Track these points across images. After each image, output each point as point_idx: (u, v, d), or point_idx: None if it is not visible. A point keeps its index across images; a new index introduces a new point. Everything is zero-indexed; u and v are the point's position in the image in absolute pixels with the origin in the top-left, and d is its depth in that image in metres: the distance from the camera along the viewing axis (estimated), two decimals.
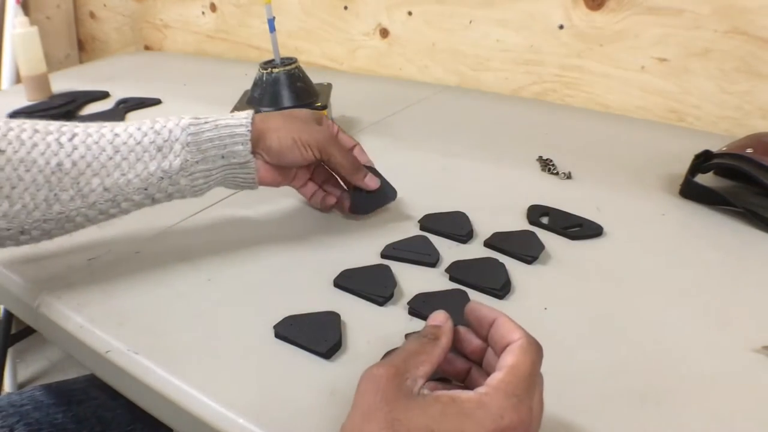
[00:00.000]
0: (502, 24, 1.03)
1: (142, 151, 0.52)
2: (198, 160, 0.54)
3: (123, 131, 0.53)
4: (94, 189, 0.51)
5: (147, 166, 0.52)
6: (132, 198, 0.53)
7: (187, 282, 0.56)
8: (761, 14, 0.79)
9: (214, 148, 0.54)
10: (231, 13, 1.43)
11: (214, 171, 0.55)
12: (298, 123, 0.58)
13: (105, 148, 0.51)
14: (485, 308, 0.37)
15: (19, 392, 0.66)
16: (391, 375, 0.32)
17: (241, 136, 0.55)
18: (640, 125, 0.90)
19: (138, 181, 0.52)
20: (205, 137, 0.54)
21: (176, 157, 0.53)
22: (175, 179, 0.54)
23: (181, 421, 0.45)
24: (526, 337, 0.34)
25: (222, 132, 0.55)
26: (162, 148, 0.52)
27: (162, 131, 0.53)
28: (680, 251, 0.59)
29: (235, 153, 0.55)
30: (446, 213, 0.65)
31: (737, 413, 0.40)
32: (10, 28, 1.29)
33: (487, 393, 0.31)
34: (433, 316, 0.38)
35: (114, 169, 0.51)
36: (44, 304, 0.55)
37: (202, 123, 0.54)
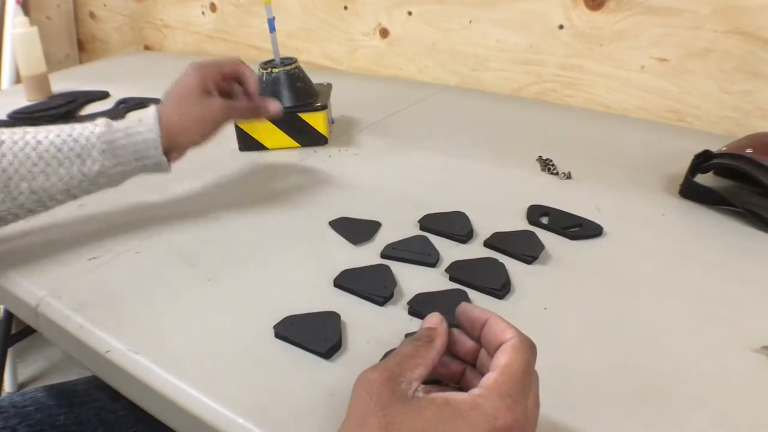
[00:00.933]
0: (502, 24, 1.03)
1: (63, 158, 0.57)
2: (114, 164, 0.59)
3: (44, 138, 0.57)
4: (22, 192, 0.56)
5: (69, 171, 0.57)
6: (56, 198, 0.58)
7: (187, 282, 0.56)
8: (761, 14, 0.79)
9: (128, 154, 0.60)
10: (231, 13, 1.43)
11: (129, 170, 0.61)
12: (194, 109, 0.63)
13: (30, 155, 0.56)
14: (477, 309, 0.37)
15: (21, 393, 0.66)
16: (384, 379, 0.32)
17: (153, 141, 0.60)
18: (640, 125, 0.90)
19: (61, 184, 0.57)
20: (118, 144, 0.59)
21: (94, 162, 0.58)
22: (94, 180, 0.59)
23: (181, 421, 0.45)
24: (519, 336, 0.34)
25: (134, 139, 0.60)
26: (80, 155, 0.58)
27: (79, 138, 0.58)
28: (680, 251, 0.59)
29: (149, 156, 0.61)
30: (446, 213, 0.65)
31: (737, 413, 0.40)
32: (10, 28, 1.29)
33: (481, 394, 0.31)
34: (428, 318, 0.38)
35: (39, 174, 0.56)
36: (44, 304, 0.55)
37: (114, 131, 0.59)
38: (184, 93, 0.64)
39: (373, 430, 0.30)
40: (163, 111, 0.62)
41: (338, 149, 0.85)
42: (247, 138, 0.84)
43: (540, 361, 0.41)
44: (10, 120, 1.02)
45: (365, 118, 0.96)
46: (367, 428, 0.30)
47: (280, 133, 0.84)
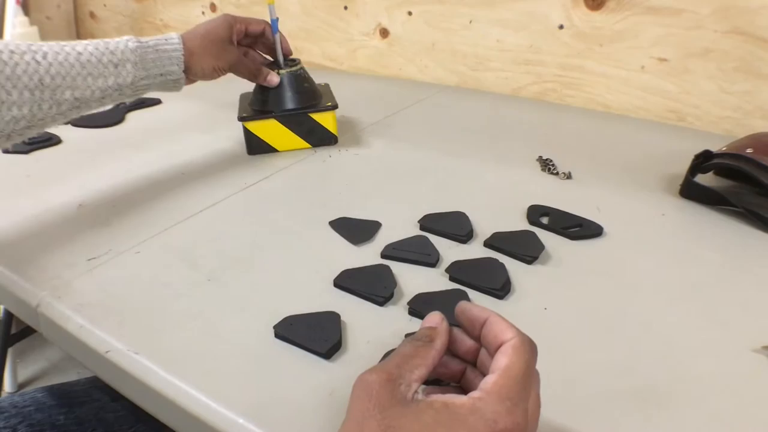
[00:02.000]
0: (502, 24, 1.03)
1: (103, 68, 0.63)
2: (143, 77, 0.67)
3: (83, 49, 0.62)
4: (67, 99, 0.61)
5: (107, 80, 0.63)
6: (90, 105, 0.64)
7: (187, 282, 0.56)
8: (761, 14, 0.79)
9: (156, 68, 0.68)
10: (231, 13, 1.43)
11: (153, 83, 0.69)
12: (215, 49, 0.73)
13: (74, 65, 0.61)
14: (476, 308, 0.37)
15: (21, 393, 0.66)
16: (383, 381, 0.32)
17: (176, 59, 0.69)
18: (640, 125, 0.90)
19: (99, 92, 0.63)
20: (149, 58, 0.67)
21: (128, 74, 0.65)
22: (124, 91, 0.66)
23: (181, 421, 0.45)
24: (519, 336, 0.34)
25: (161, 55, 0.68)
26: (117, 65, 0.64)
27: (116, 51, 0.64)
28: (680, 251, 0.59)
29: (171, 72, 0.69)
30: (446, 213, 0.65)
31: (737, 413, 0.40)
32: (10, 28, 1.29)
33: (480, 398, 0.31)
34: (429, 317, 0.37)
35: (82, 82, 0.61)
36: (44, 304, 0.55)
37: (145, 46, 0.67)
38: (211, 34, 0.73)
39: None
40: (187, 38, 0.71)
41: (338, 149, 0.85)
42: (257, 141, 0.84)
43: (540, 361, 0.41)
44: None
45: (365, 118, 0.96)
46: (366, 431, 0.30)
47: (291, 134, 0.84)
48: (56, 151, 0.91)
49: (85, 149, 0.91)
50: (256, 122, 0.82)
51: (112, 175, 0.80)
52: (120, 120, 1.02)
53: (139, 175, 0.80)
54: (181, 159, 0.84)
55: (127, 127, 1.00)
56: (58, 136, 0.95)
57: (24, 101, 0.58)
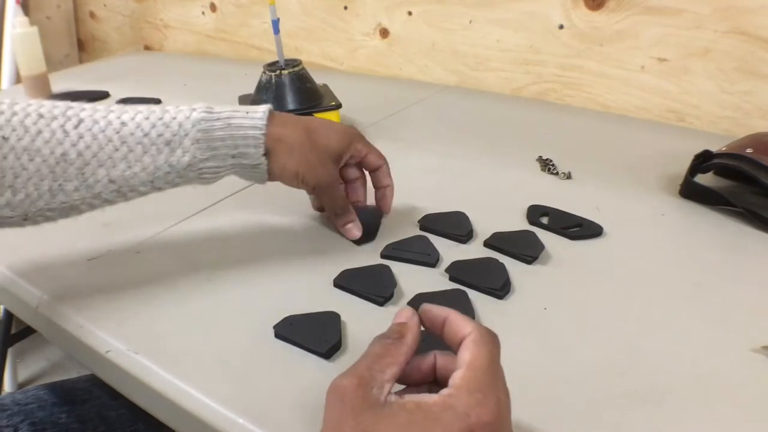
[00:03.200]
0: (502, 24, 1.03)
1: (150, 144, 0.50)
2: (207, 157, 0.52)
3: (131, 120, 0.51)
4: (99, 180, 0.50)
5: (154, 160, 0.50)
6: (137, 189, 0.52)
7: (187, 282, 0.56)
8: (761, 14, 0.79)
9: (225, 147, 0.52)
10: (231, 13, 1.43)
11: (223, 168, 0.54)
12: (312, 155, 0.55)
13: (111, 139, 0.49)
14: (436, 308, 0.37)
15: (23, 391, 0.66)
16: (355, 386, 0.32)
17: (254, 139, 0.53)
18: (640, 125, 0.90)
19: (144, 174, 0.51)
20: (216, 135, 0.52)
21: (185, 153, 0.51)
22: (183, 173, 0.52)
23: (182, 421, 0.45)
24: (478, 330, 0.34)
25: (234, 132, 0.52)
26: (170, 143, 0.51)
27: (171, 124, 0.51)
28: (680, 251, 0.59)
29: (246, 155, 0.53)
30: (446, 213, 0.65)
31: (737, 413, 0.40)
32: (10, 28, 1.29)
33: (450, 394, 0.31)
34: (399, 313, 0.37)
35: (120, 160, 0.50)
36: (44, 304, 0.55)
37: (214, 119, 0.52)
38: (320, 135, 0.56)
39: None
40: (281, 121, 0.55)
41: None
42: None
43: (540, 360, 0.41)
44: None
45: (365, 118, 0.96)
46: None
47: None
48: None
49: None
50: None
51: None
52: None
53: None
54: None
55: None
56: None
57: (43, 177, 0.48)
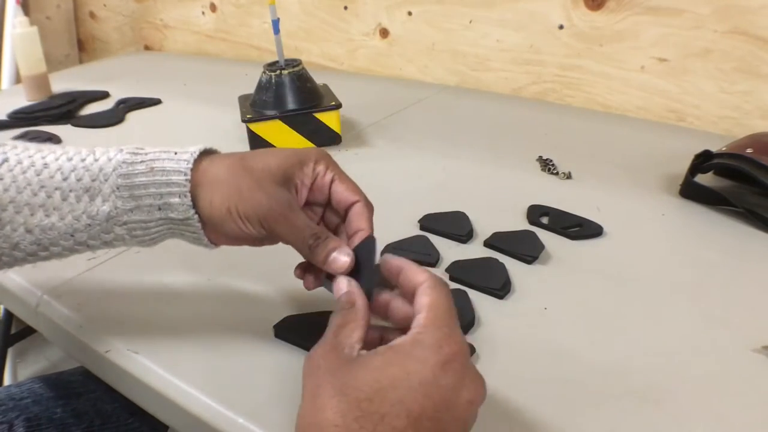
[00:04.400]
0: (502, 24, 1.03)
1: (69, 190, 0.42)
2: (131, 208, 0.42)
3: (54, 161, 0.43)
4: (16, 229, 0.43)
5: (72, 209, 0.42)
6: (58, 243, 0.43)
7: (187, 282, 0.56)
8: (761, 14, 0.79)
9: (149, 197, 0.42)
10: (231, 13, 1.43)
11: (152, 224, 0.43)
12: (244, 180, 0.42)
13: (30, 182, 0.42)
14: (393, 259, 0.39)
15: (18, 384, 0.66)
16: (327, 350, 0.34)
17: (177, 186, 0.42)
18: (640, 125, 0.90)
19: (62, 225, 0.42)
20: (138, 181, 0.42)
21: (104, 201, 0.42)
22: (107, 227, 0.43)
23: (181, 421, 0.45)
24: (432, 277, 0.36)
25: (157, 178, 0.42)
26: (90, 189, 0.42)
27: (92, 167, 0.43)
28: (680, 251, 0.59)
29: (171, 206, 0.42)
30: (446, 213, 0.65)
31: (737, 413, 0.40)
32: (10, 28, 1.29)
33: (419, 332, 0.33)
34: (336, 285, 0.39)
35: (38, 208, 0.42)
36: (44, 304, 0.55)
37: (137, 162, 0.43)
38: (261, 159, 0.44)
39: (327, 397, 0.31)
40: (217, 157, 0.44)
41: (338, 149, 0.85)
42: (261, 143, 0.83)
43: (540, 360, 0.41)
44: (10, 120, 1.02)
45: (365, 119, 0.96)
46: (321, 397, 0.31)
47: (295, 135, 0.83)
48: None
49: None
50: (260, 123, 0.82)
51: None
52: (120, 120, 1.02)
53: None
54: None
55: (127, 127, 1.00)
56: (58, 136, 0.95)
57: None
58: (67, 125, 1.01)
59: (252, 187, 0.42)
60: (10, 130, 0.99)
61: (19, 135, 0.95)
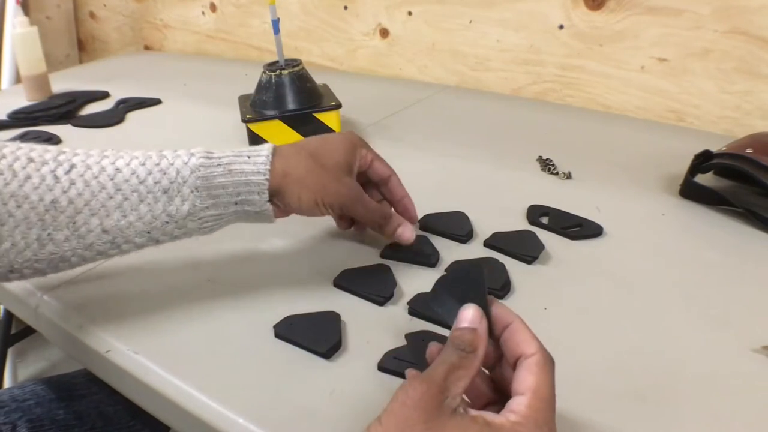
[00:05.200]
0: (502, 24, 1.03)
1: (146, 192, 0.47)
2: (208, 206, 0.48)
3: (125, 166, 0.47)
4: (92, 230, 0.46)
5: (151, 209, 0.47)
6: (133, 240, 0.48)
7: (187, 282, 0.56)
8: (761, 14, 0.79)
9: (227, 195, 0.49)
10: (231, 13, 1.43)
11: (225, 216, 0.50)
12: (324, 176, 0.51)
13: (105, 186, 0.46)
14: (502, 308, 0.36)
15: (20, 386, 0.66)
16: (434, 393, 0.32)
17: (257, 185, 0.49)
18: (640, 125, 0.90)
19: (140, 224, 0.47)
20: (216, 182, 0.48)
21: (184, 201, 0.47)
22: (182, 223, 0.48)
23: (181, 421, 0.45)
24: (543, 352, 0.34)
25: (236, 179, 0.48)
26: (168, 190, 0.47)
27: (168, 170, 0.47)
28: (680, 251, 0.59)
29: (249, 201, 0.49)
30: (446, 213, 0.65)
31: (737, 413, 0.40)
32: (10, 28, 1.29)
33: (519, 422, 0.31)
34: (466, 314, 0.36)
35: (114, 209, 0.46)
36: (44, 304, 0.55)
37: (214, 165, 0.48)
38: (322, 154, 0.52)
39: None
40: (285, 153, 0.51)
41: None
42: (260, 142, 0.83)
43: None
44: (10, 120, 1.02)
45: (365, 119, 0.96)
46: None
47: (295, 135, 0.83)
48: None
49: None
50: (260, 123, 0.82)
51: None
52: (120, 120, 1.02)
53: None
54: None
55: (127, 127, 1.00)
56: (57, 136, 0.95)
57: (30, 225, 0.45)
58: (67, 125, 1.01)
59: (332, 181, 0.52)
60: (10, 130, 0.99)
61: (19, 135, 0.95)
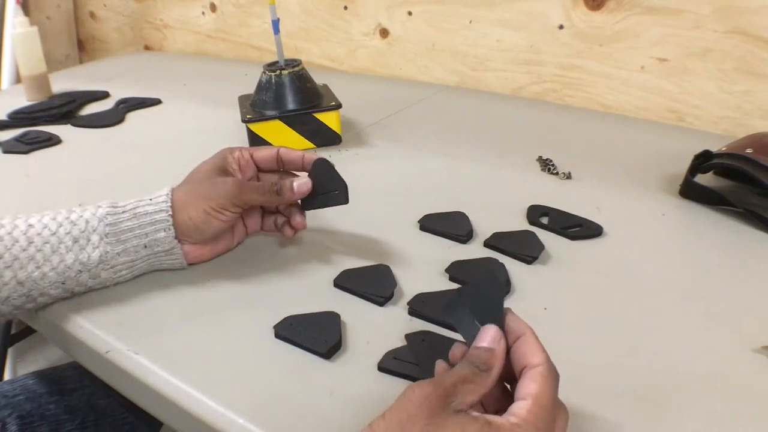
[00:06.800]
0: (502, 24, 1.03)
1: (58, 243, 0.50)
2: (119, 252, 0.52)
3: (37, 222, 0.51)
4: (7, 283, 0.48)
5: (63, 259, 0.50)
6: (48, 292, 0.51)
7: (187, 282, 0.56)
8: (761, 14, 0.79)
9: (135, 238, 0.52)
10: (231, 13, 1.43)
11: (138, 261, 0.53)
12: (199, 188, 0.54)
13: (18, 239, 0.49)
14: (516, 320, 0.37)
15: (10, 381, 0.65)
16: (440, 394, 0.32)
17: (162, 223, 0.52)
18: (640, 125, 0.90)
19: (54, 274, 0.50)
20: (124, 227, 0.52)
21: (95, 249, 0.50)
22: (95, 272, 0.51)
23: (182, 422, 0.45)
24: (549, 363, 0.34)
25: (142, 221, 0.52)
26: (79, 240, 0.50)
27: (78, 222, 0.51)
28: (680, 251, 0.59)
29: (158, 241, 0.53)
30: (446, 213, 0.65)
31: (737, 413, 0.40)
32: (10, 28, 1.29)
33: (518, 424, 0.32)
34: (487, 333, 0.36)
35: (28, 261, 0.49)
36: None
37: (120, 212, 0.52)
38: (198, 170, 0.57)
39: None
40: (175, 190, 0.55)
41: (338, 149, 0.85)
42: (261, 143, 0.83)
43: None
44: (10, 120, 1.02)
45: (365, 119, 0.96)
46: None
47: (295, 135, 0.83)
48: (56, 151, 0.91)
49: (85, 149, 0.91)
50: (260, 124, 0.82)
51: (112, 175, 0.80)
52: (120, 120, 1.02)
53: (139, 175, 0.80)
54: (182, 159, 0.84)
55: (127, 127, 1.00)
56: (57, 136, 0.95)
57: None
58: (67, 125, 1.01)
59: (208, 187, 0.54)
60: (10, 130, 0.99)
61: (19, 135, 0.95)
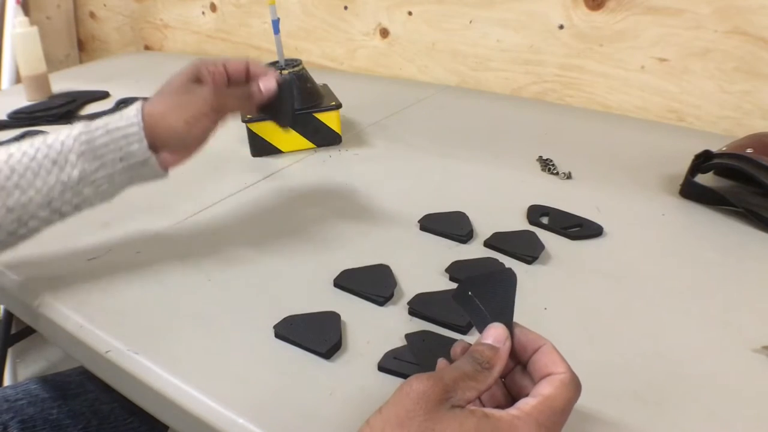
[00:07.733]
0: (502, 24, 1.03)
1: (38, 167, 0.51)
2: (96, 168, 0.52)
3: (16, 150, 0.52)
4: None
5: (46, 181, 0.51)
6: (38, 215, 0.52)
7: (187, 282, 0.56)
8: (761, 14, 0.79)
9: (111, 153, 0.53)
10: (231, 13, 1.43)
11: (116, 174, 0.54)
12: (177, 97, 0.55)
13: (1, 169, 0.51)
14: (532, 334, 0.37)
15: (13, 386, 0.66)
16: (439, 390, 0.32)
17: (134, 135, 0.53)
18: (640, 125, 0.90)
19: (39, 197, 0.51)
20: (98, 143, 0.52)
21: (73, 168, 0.52)
22: (78, 190, 0.52)
23: (182, 422, 0.45)
24: (570, 373, 0.34)
25: (115, 135, 0.53)
26: (57, 161, 0.51)
27: (54, 144, 0.52)
28: (680, 251, 0.59)
29: (132, 153, 0.53)
30: (446, 213, 0.65)
31: (737, 413, 0.40)
32: (10, 28, 1.29)
33: (518, 416, 0.32)
34: (492, 331, 0.36)
35: (13, 188, 0.50)
36: (44, 304, 0.55)
37: (93, 130, 0.53)
38: (171, 82, 0.57)
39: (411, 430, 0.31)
40: (147, 103, 0.55)
41: (338, 149, 0.85)
42: (261, 143, 0.83)
43: None
44: (10, 120, 1.02)
45: (365, 119, 0.96)
46: (406, 429, 0.31)
47: (295, 134, 0.83)
48: None
49: None
50: (260, 123, 0.82)
51: None
52: None
53: None
54: None
55: None
56: None
57: None
58: (67, 125, 1.01)
59: (183, 95, 0.55)
60: (10, 130, 0.99)
61: (19, 135, 0.95)
